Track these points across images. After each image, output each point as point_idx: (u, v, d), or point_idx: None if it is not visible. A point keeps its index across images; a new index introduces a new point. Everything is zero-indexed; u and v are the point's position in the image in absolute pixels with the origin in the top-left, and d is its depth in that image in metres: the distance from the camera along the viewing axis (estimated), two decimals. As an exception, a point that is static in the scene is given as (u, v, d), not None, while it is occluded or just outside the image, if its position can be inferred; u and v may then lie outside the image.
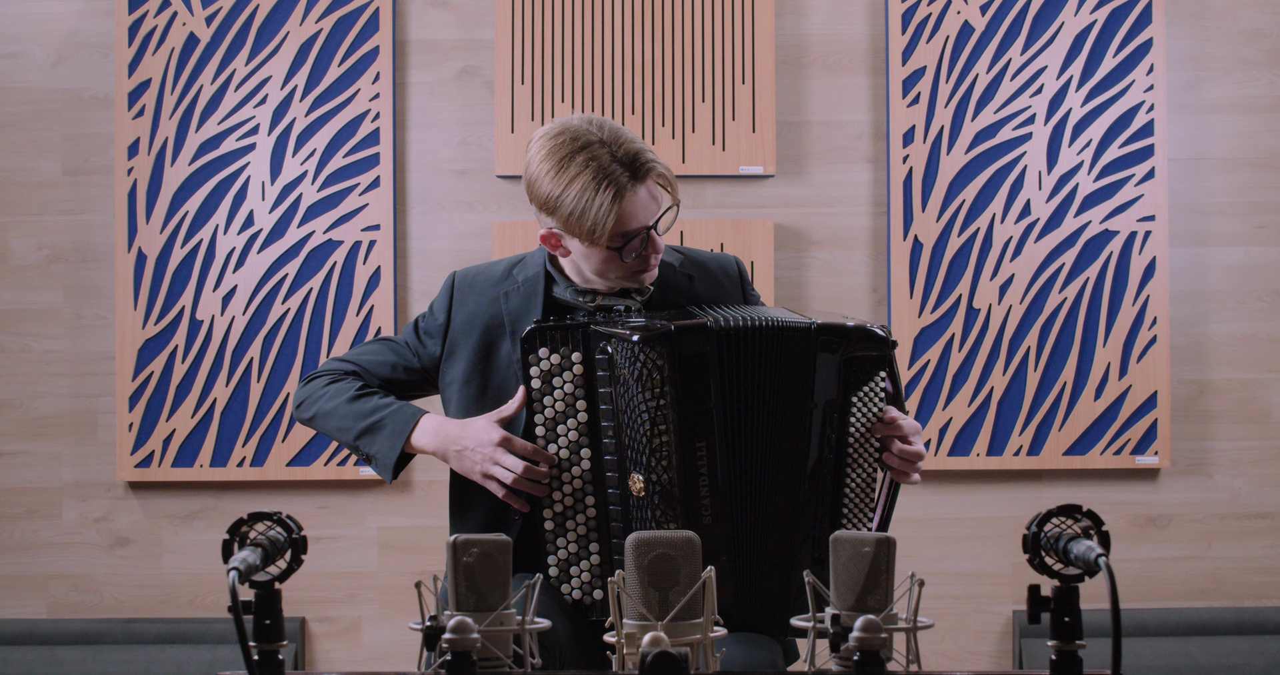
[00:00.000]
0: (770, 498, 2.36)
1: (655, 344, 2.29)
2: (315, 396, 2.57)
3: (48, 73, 4.21)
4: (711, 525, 2.31)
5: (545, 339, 2.38)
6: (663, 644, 1.69)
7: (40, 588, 4.19)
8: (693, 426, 2.31)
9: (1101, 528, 1.86)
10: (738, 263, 2.65)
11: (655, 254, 2.44)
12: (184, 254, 4.15)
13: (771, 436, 2.35)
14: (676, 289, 2.55)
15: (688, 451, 2.31)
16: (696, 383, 2.31)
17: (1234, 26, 4.24)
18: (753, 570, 2.36)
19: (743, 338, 2.34)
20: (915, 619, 1.85)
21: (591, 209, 2.35)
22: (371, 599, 4.19)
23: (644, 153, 2.38)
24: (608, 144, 2.36)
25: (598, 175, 2.34)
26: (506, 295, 2.54)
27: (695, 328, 2.31)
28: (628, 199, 2.36)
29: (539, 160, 2.39)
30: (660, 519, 2.31)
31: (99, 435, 4.19)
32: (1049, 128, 4.17)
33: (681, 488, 2.31)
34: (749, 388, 2.34)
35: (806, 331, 2.35)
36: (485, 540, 1.88)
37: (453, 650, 1.72)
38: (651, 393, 2.29)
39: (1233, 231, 4.23)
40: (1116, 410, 4.16)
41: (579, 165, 2.35)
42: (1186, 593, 4.22)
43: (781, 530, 2.37)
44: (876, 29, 4.23)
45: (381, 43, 4.17)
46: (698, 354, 2.31)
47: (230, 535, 1.91)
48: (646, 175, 2.38)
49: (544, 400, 2.40)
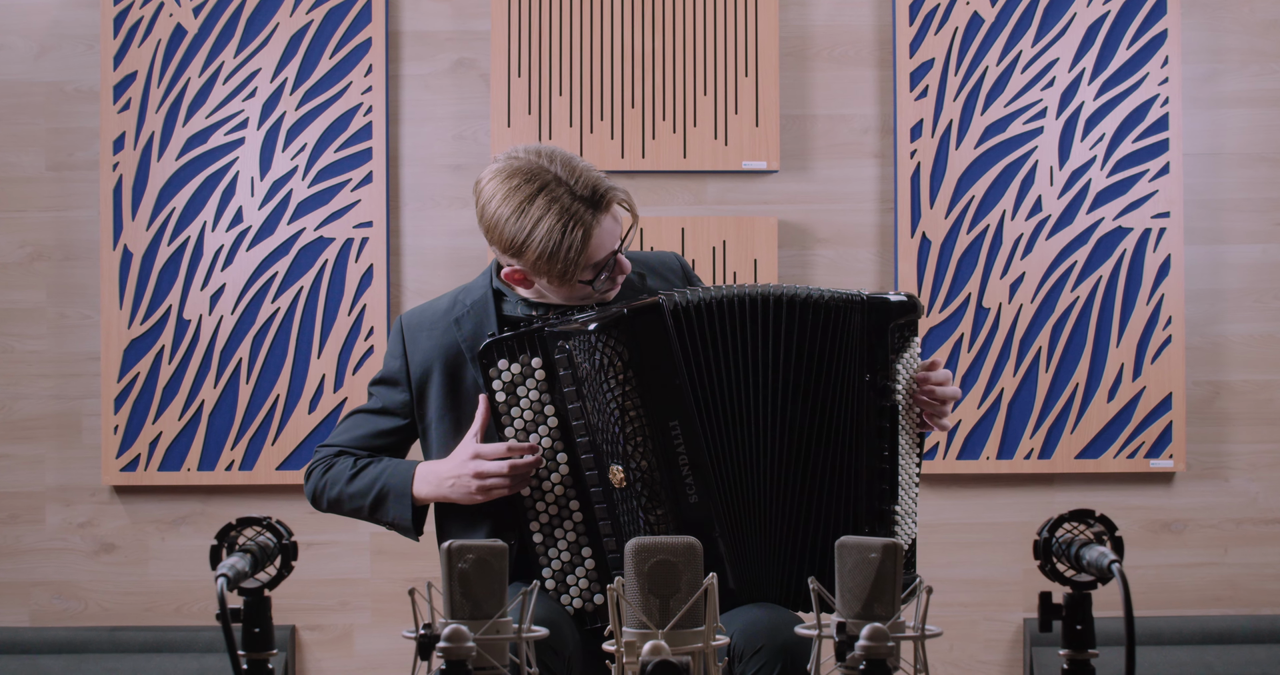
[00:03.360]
0: (770, 471, 2.40)
1: (610, 330, 2.33)
2: (319, 489, 2.62)
3: (31, 65, 4.21)
4: (697, 504, 2.35)
5: (502, 350, 2.41)
6: (663, 653, 1.69)
7: (23, 595, 4.19)
8: (663, 407, 2.35)
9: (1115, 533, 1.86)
10: (677, 257, 2.71)
11: (622, 274, 2.50)
12: (171, 252, 4.15)
13: (777, 407, 2.39)
14: (630, 286, 2.59)
15: (662, 433, 2.35)
16: (660, 363, 2.35)
17: (1251, 17, 4.24)
18: (754, 543, 2.39)
19: (716, 310, 2.38)
20: (923, 627, 1.85)
21: (561, 251, 2.38)
22: (364, 606, 4.19)
23: (601, 182, 2.41)
24: (564, 181, 2.40)
25: (562, 217, 2.37)
26: (458, 321, 2.57)
27: (649, 307, 2.36)
28: (595, 235, 2.40)
29: (497, 203, 2.41)
30: (646, 506, 2.34)
31: (83, 438, 4.19)
32: (1061, 122, 4.17)
33: (662, 471, 2.35)
34: (730, 359, 2.38)
35: (854, 302, 2.41)
36: (481, 546, 1.88)
37: (447, 659, 1.72)
38: (615, 380, 2.33)
39: (1250, 228, 4.23)
40: (1130, 412, 4.16)
41: (540, 208, 2.38)
42: (1202, 600, 4.22)
43: (788, 500, 2.40)
44: (883, 20, 4.23)
45: (374, 34, 4.17)
46: (656, 333, 2.35)
47: (218, 541, 1.91)
48: (609, 206, 2.42)
49: (511, 412, 2.43)
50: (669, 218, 4.15)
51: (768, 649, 2.25)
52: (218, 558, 1.88)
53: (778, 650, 2.25)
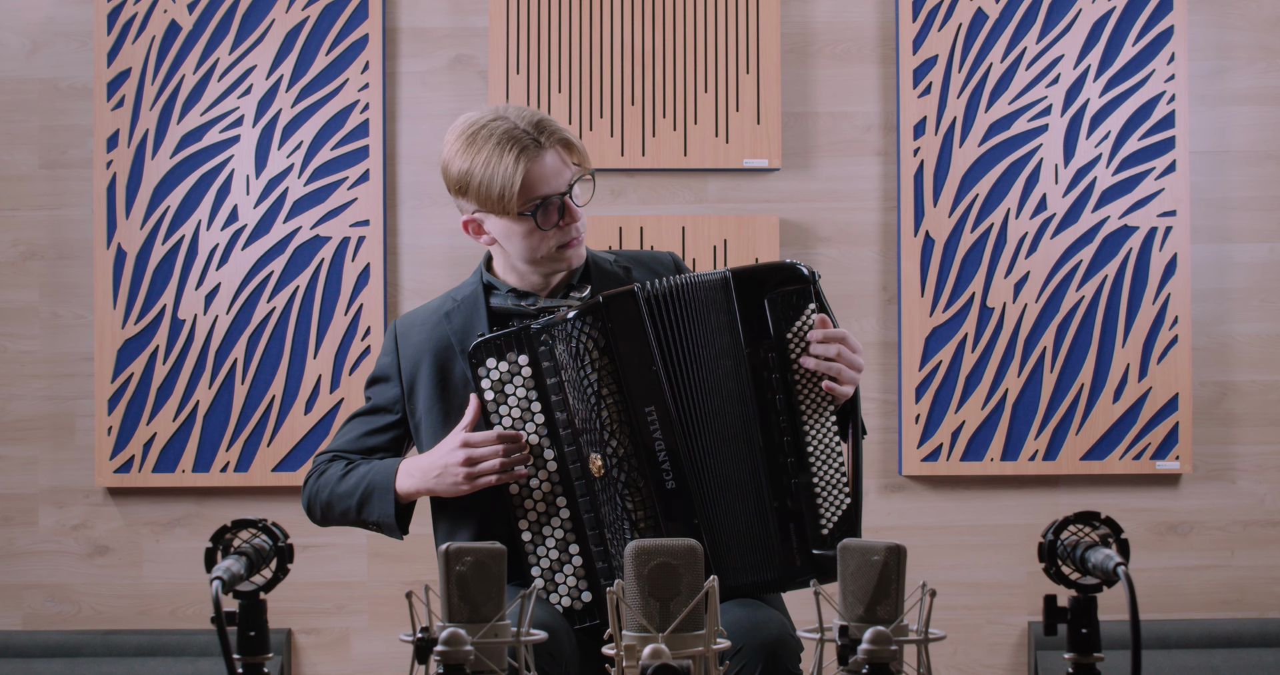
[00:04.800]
0: (729, 452, 2.43)
1: (586, 316, 2.40)
2: (314, 497, 2.65)
3: (23, 62, 4.21)
4: (676, 490, 2.39)
5: (491, 350, 2.46)
6: (664, 656, 1.69)
7: (15, 598, 4.19)
8: (639, 392, 2.41)
9: (1120, 535, 1.86)
10: (674, 256, 2.74)
11: (574, 223, 2.53)
12: (165, 250, 4.15)
13: (717, 391, 2.43)
14: (616, 281, 2.61)
15: (638, 419, 2.40)
16: (635, 347, 2.41)
17: (1258, 14, 4.24)
18: (729, 529, 2.42)
19: (672, 296, 2.43)
20: (926, 631, 1.85)
21: (499, 173, 2.46)
22: (361, 610, 4.19)
23: (548, 120, 2.51)
24: (510, 117, 2.49)
25: (502, 141, 2.46)
26: (448, 315, 2.62)
27: (623, 293, 2.42)
28: (534, 159, 2.46)
29: (449, 146, 2.52)
30: (625, 493, 2.39)
31: (77, 439, 4.19)
32: (1066, 119, 4.17)
33: (639, 458, 2.40)
34: (687, 346, 2.43)
35: (723, 279, 2.44)
36: (479, 548, 1.88)
37: (445, 663, 1.72)
38: (592, 366, 2.39)
39: (1257, 227, 4.23)
40: (1136, 413, 4.16)
41: (483, 139, 2.47)
42: (1209, 603, 4.22)
43: (747, 484, 2.43)
44: (886, 16, 4.23)
45: (371, 30, 4.17)
46: (631, 318, 2.41)
47: (213, 543, 1.91)
48: (551, 137, 2.49)
49: (499, 411, 2.47)
50: (669, 217, 4.15)
51: (748, 649, 2.25)
52: (213, 560, 1.88)
53: (757, 650, 2.26)
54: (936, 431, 4.15)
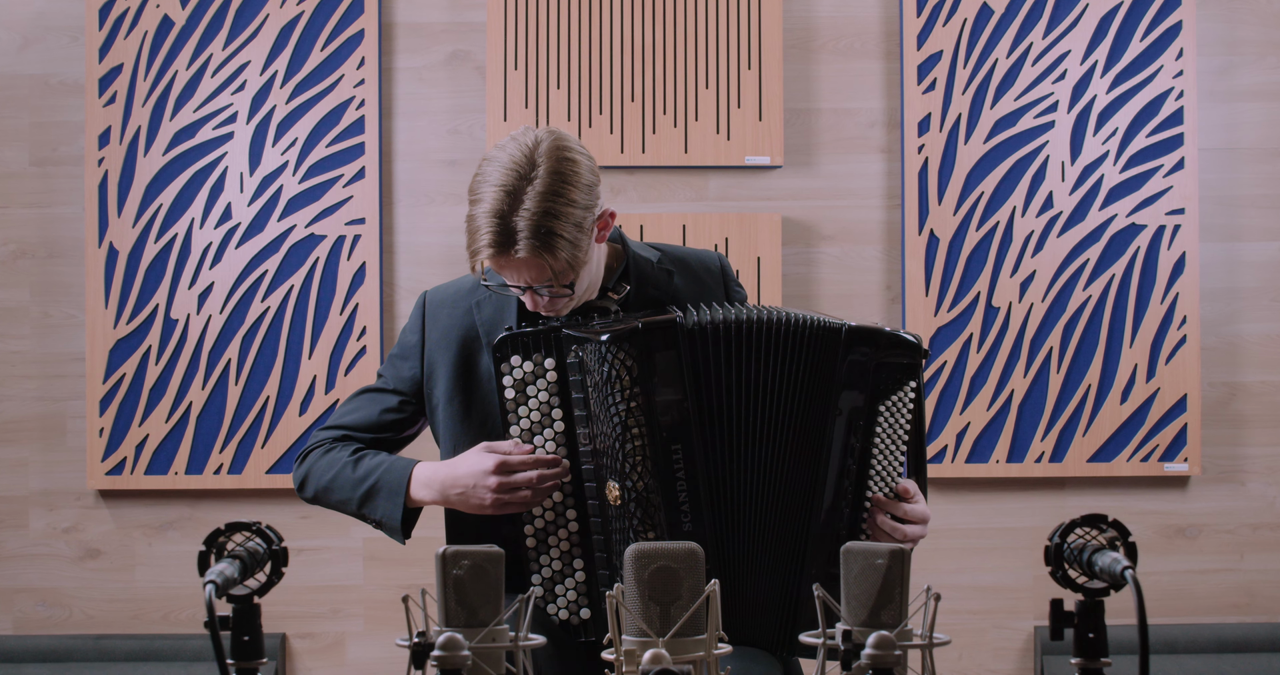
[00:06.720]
0: (765, 505, 2.34)
1: (622, 343, 2.28)
2: (311, 474, 2.57)
3: (14, 57, 4.21)
4: (692, 533, 2.29)
5: (517, 346, 2.38)
6: (664, 661, 1.69)
7: (6, 602, 4.19)
8: (668, 430, 2.30)
9: (1128, 538, 1.86)
10: (720, 259, 2.63)
11: (562, 303, 2.40)
12: (158, 249, 4.15)
13: (770, 441, 2.34)
14: (655, 284, 2.53)
15: (663, 456, 2.30)
16: (669, 383, 2.30)
17: (1268, 8, 4.24)
18: (742, 580, 2.35)
19: (725, 333, 2.32)
20: (931, 635, 1.85)
21: (469, 240, 2.33)
22: (356, 614, 4.19)
23: (529, 225, 2.28)
24: (516, 192, 2.30)
25: (478, 216, 2.30)
26: (479, 305, 2.54)
27: (664, 324, 2.30)
28: (494, 257, 2.31)
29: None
30: (638, 528, 2.30)
31: (68, 441, 4.19)
32: (1072, 116, 4.17)
33: (659, 494, 2.30)
34: (738, 388, 2.33)
35: (835, 332, 2.33)
36: (476, 552, 1.88)
37: (442, 668, 1.72)
38: (622, 395, 2.29)
39: (1266, 225, 4.23)
40: (1144, 414, 4.16)
41: (474, 194, 2.33)
42: (1218, 607, 4.22)
43: (781, 539, 2.35)
44: (890, 11, 4.23)
45: (367, 26, 4.17)
46: (669, 352, 2.30)
47: (207, 546, 1.91)
48: (526, 243, 2.29)
49: (519, 411, 2.40)
50: (670, 214, 4.15)
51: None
52: (206, 564, 1.88)
53: None
54: (941, 433, 4.15)
